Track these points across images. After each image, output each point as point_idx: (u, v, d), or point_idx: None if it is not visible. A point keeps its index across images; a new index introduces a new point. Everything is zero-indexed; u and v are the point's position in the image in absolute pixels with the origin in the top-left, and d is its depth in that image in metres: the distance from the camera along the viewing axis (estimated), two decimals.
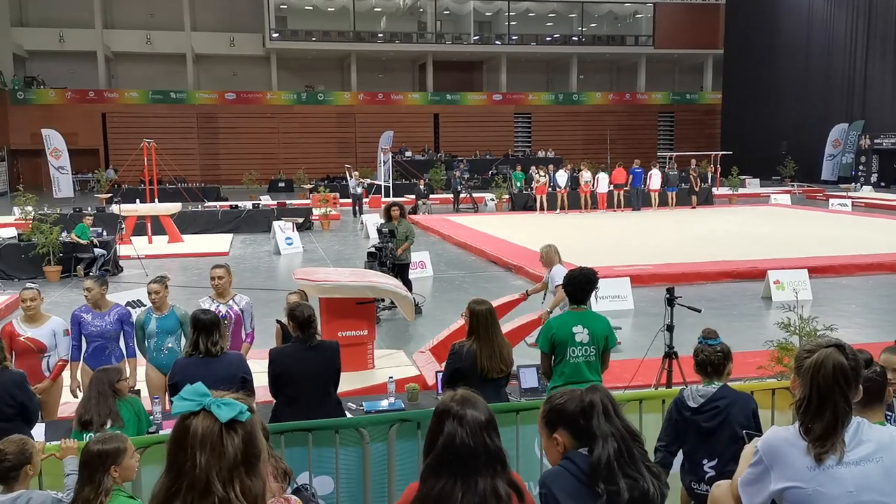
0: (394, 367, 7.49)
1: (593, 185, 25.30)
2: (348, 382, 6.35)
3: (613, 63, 46.45)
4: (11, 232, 15.50)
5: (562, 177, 25.47)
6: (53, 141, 28.92)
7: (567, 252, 14.68)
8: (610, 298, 10.69)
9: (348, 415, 5.12)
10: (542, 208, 24.71)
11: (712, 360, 3.68)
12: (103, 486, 2.95)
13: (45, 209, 17.24)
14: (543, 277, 8.30)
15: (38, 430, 4.53)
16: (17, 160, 36.85)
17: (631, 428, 2.29)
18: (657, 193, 25.75)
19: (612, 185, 25.45)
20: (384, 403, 5.60)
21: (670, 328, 6.06)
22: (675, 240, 17.82)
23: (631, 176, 25.60)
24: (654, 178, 25.89)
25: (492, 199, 27.76)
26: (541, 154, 39.08)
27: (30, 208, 16.22)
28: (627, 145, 41.25)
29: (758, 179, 34.57)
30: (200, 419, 1.69)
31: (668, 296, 6.15)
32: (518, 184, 27.30)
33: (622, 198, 25.39)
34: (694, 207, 25.83)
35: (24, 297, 5.64)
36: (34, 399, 4.51)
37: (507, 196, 27.10)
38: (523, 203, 26.15)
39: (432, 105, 42.34)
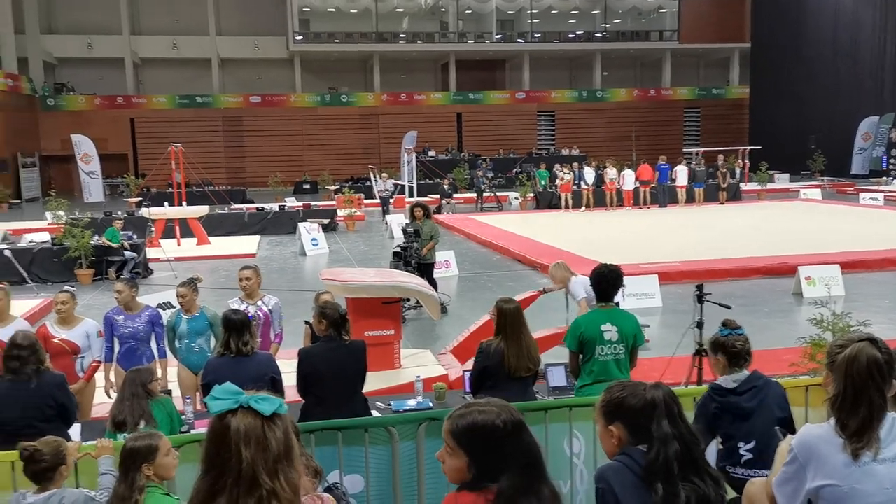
0: (420, 366, 7.50)
1: (619, 183, 25.13)
2: (375, 382, 6.38)
3: (637, 59, 46.11)
4: (45, 236, 15.77)
5: (589, 174, 25.32)
6: (83, 146, 29.38)
7: (593, 250, 14.69)
8: (637, 296, 10.62)
9: (375, 414, 5.14)
10: (566, 206, 24.61)
11: (747, 349, 3.67)
12: (136, 483, 2.99)
13: (77, 213, 17.51)
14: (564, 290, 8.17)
15: (75, 430, 4.61)
16: (49, 166, 37.47)
17: (693, 430, 2.24)
18: (684, 190, 25.51)
19: (637, 182, 25.27)
20: (412, 403, 5.62)
21: (700, 325, 6.00)
22: (703, 236, 17.65)
23: (657, 172, 25.40)
24: (681, 175, 25.65)
25: (516, 198, 27.70)
26: (565, 152, 38.91)
27: (62, 213, 16.51)
28: (653, 141, 40.92)
29: (787, 174, 34.08)
30: (240, 416, 1.72)
31: (697, 293, 6.10)
32: (542, 182, 27.21)
33: (648, 195, 25.20)
34: (722, 203, 25.56)
35: (56, 300, 5.75)
36: (73, 400, 4.59)
37: (531, 194, 27.03)
38: (548, 201, 26.06)
39: (455, 104, 42.35)
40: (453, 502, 1.97)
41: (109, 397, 5.91)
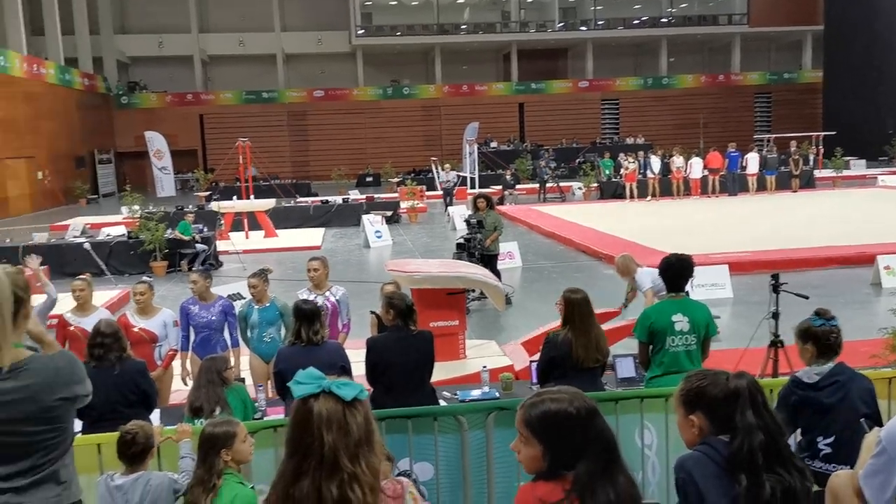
0: (485, 357, 7.50)
1: (686, 171, 24.57)
2: (440, 372, 6.41)
3: (705, 44, 44.90)
4: (121, 230, 16.36)
5: (656, 163, 24.83)
6: (156, 143, 30.31)
7: (659, 240, 14.41)
8: (707, 287, 10.38)
9: (443, 403, 5.17)
10: (631, 196, 24.22)
11: (839, 342, 3.55)
12: (216, 468, 3.08)
13: (151, 208, 18.10)
14: (627, 284, 7.98)
15: (154, 416, 4.78)
16: (123, 162, 38.82)
17: (778, 420, 2.19)
18: (755, 178, 24.79)
19: (706, 171, 24.67)
20: (478, 393, 5.63)
21: (776, 316, 5.83)
22: (776, 225, 17.13)
23: (727, 160, 24.74)
24: (752, 162, 24.92)
25: (579, 188, 27.38)
26: (629, 140, 38.26)
27: (136, 207, 17.08)
28: (722, 128, 39.86)
29: (864, 161, 32.72)
30: (322, 401, 1.76)
31: (773, 282, 5.93)
32: (606, 171, 26.82)
33: (717, 183, 24.58)
34: (795, 191, 24.75)
35: (135, 291, 5.96)
36: (154, 386, 4.76)
37: (595, 184, 26.68)
38: (612, 191, 25.69)
39: (517, 95, 42.08)
40: (530, 492, 1.97)
41: (186, 384, 6.11)
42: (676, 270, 4.89)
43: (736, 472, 2.09)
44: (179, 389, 6.35)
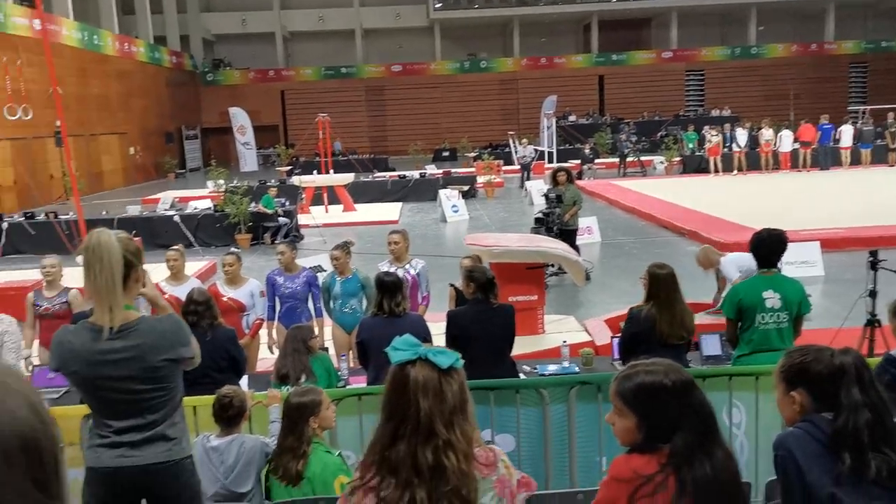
0: (564, 332, 7.45)
1: (775, 144, 23.62)
2: (519, 346, 6.37)
3: (797, 11, 42.78)
4: (207, 203, 16.90)
5: (741, 136, 23.96)
6: (239, 118, 31.10)
7: (747, 216, 13.93)
8: (797, 264, 10.00)
9: (523, 377, 5.16)
10: (716, 170, 23.46)
11: None
12: (305, 435, 3.17)
13: (235, 182, 18.62)
14: (716, 273, 7.63)
15: (243, 382, 4.94)
16: (208, 138, 40.03)
17: (885, 398, 2.11)
18: (849, 151, 23.62)
19: (797, 143, 23.65)
20: (558, 367, 5.60)
21: (873, 294, 5.57)
22: (870, 201, 16.31)
23: (819, 132, 23.65)
24: (845, 135, 23.74)
25: (661, 163, 26.70)
26: (715, 113, 37.00)
27: (221, 181, 17.59)
28: (814, 100, 38.06)
29: None
30: (419, 368, 1.78)
31: (871, 259, 5.65)
32: (690, 145, 26.04)
33: (808, 157, 23.54)
34: (891, 165, 23.48)
35: (224, 262, 6.16)
36: (243, 353, 4.92)
37: (677, 158, 25.96)
38: (696, 165, 24.96)
39: (597, 66, 41.20)
40: (624, 465, 1.95)
41: (272, 353, 6.30)
42: (769, 246, 4.71)
43: (840, 450, 2.02)
44: (265, 357, 6.55)
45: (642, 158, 26.68)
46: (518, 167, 24.89)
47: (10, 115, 15.17)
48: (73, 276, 6.70)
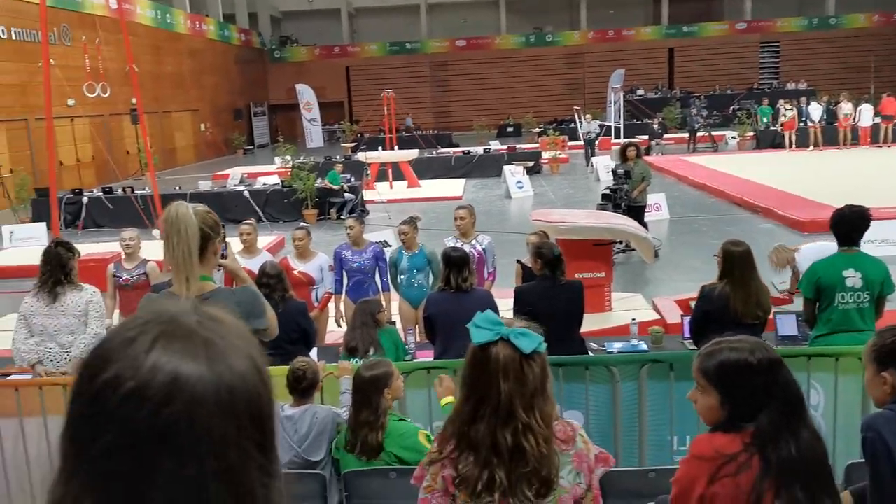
0: (632, 310, 7.35)
1: (854, 119, 22.63)
2: (586, 324, 6.31)
3: None
4: (275, 179, 17.21)
5: (815, 110, 23.04)
6: (305, 95, 31.48)
7: (824, 193, 13.42)
8: (877, 243, 9.56)
9: (591, 354, 5.12)
10: (791, 146, 22.64)
11: None
12: (381, 407, 3.21)
13: (301, 158, 18.90)
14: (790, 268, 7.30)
15: (313, 354, 5.04)
16: (276, 114, 40.68)
17: None
18: None
19: (878, 118, 22.60)
20: (625, 345, 5.53)
21: None
22: None
23: None
24: None
25: (733, 137, 25.92)
26: (790, 86, 35.62)
27: (288, 157, 17.89)
28: None
29: None
30: (500, 348, 1.76)
31: None
32: (764, 119, 25.17)
33: (890, 131, 22.48)
34: None
35: (294, 236, 6.28)
36: (314, 325, 5.02)
37: (750, 133, 25.14)
38: (770, 140, 24.13)
39: (667, 39, 40.10)
40: (706, 443, 1.92)
41: (339, 326, 6.40)
42: (850, 223, 4.54)
43: None
44: (333, 330, 6.67)
45: (713, 133, 25.93)
46: (582, 143, 24.49)
47: (88, 93, 15.70)
48: (150, 249, 6.94)
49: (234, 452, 0.73)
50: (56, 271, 4.72)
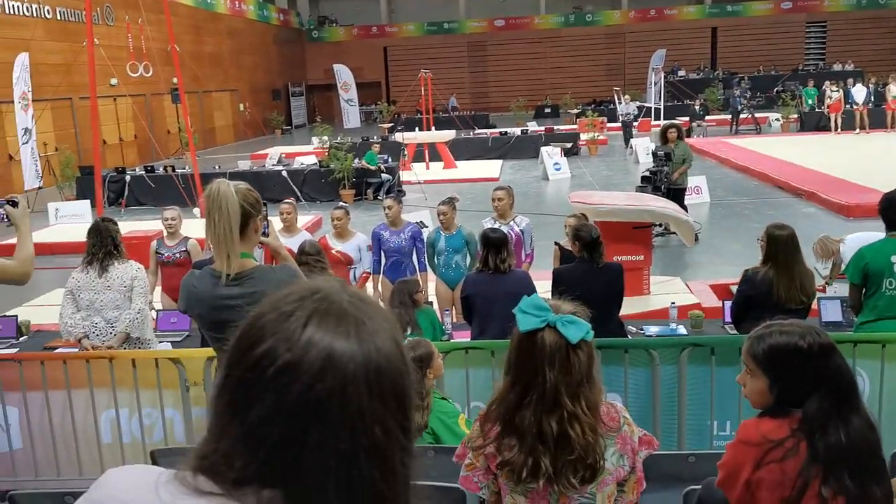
0: (671, 293, 7.28)
1: None
2: (624, 307, 6.27)
3: None
4: (312, 159, 17.31)
5: (859, 92, 22.40)
6: (343, 75, 31.54)
7: (871, 177, 13.08)
8: None
9: (629, 338, 5.08)
10: (836, 128, 22.08)
11: None
12: (424, 387, 3.23)
13: (339, 138, 18.97)
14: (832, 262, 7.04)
15: None
16: (313, 94, 40.84)
17: None
18: None
19: None
20: (664, 329, 5.49)
21: None
22: None
23: None
24: None
25: (777, 120, 25.35)
26: (837, 67, 34.71)
27: (326, 138, 17.96)
28: None
29: None
30: (547, 335, 1.75)
31: None
32: (809, 101, 24.57)
33: None
34: None
35: (333, 216, 6.31)
36: None
37: (795, 115, 24.57)
38: (815, 123, 23.56)
39: (710, 18, 39.27)
40: (754, 428, 1.90)
41: None
42: None
43: None
44: None
45: (756, 115, 25.40)
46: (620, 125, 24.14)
47: (131, 73, 15.92)
48: (191, 227, 7.04)
49: (380, 429, 0.77)
50: (107, 242, 4.83)
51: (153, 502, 0.79)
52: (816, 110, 23.97)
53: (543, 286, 5.34)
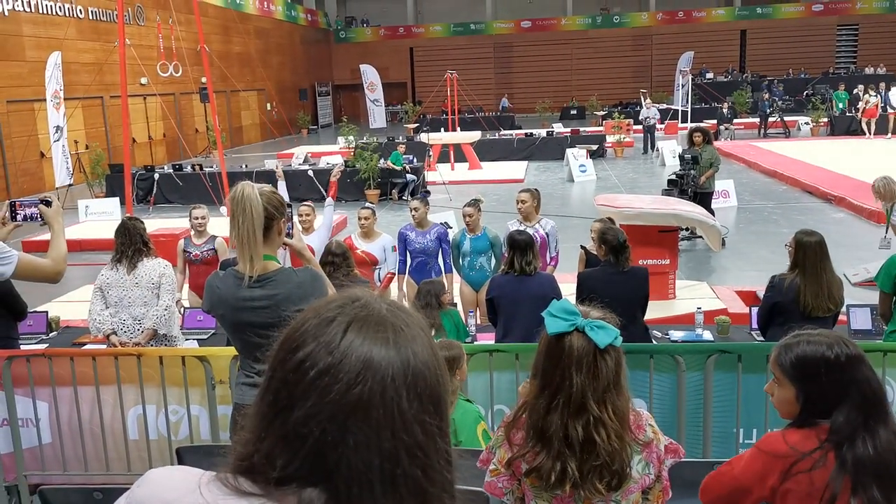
0: (697, 298, 7.21)
1: None
2: (650, 311, 6.22)
3: None
4: (338, 159, 17.38)
5: (895, 96, 22.06)
6: (369, 75, 31.64)
7: None
8: None
9: (654, 342, 5.05)
10: (869, 132, 21.75)
11: None
12: (451, 387, 3.24)
13: (365, 138, 19.04)
14: (883, 208, 6.98)
15: None
16: (340, 94, 41.03)
17: None
18: None
19: None
20: (690, 334, 5.44)
21: None
22: None
23: None
24: None
25: (806, 123, 25.03)
26: (868, 71, 34.16)
27: (352, 138, 18.04)
28: None
29: None
30: (575, 339, 1.74)
31: None
32: (840, 105, 24.23)
33: None
34: None
35: (360, 216, 6.33)
36: None
37: (825, 119, 24.24)
38: (845, 127, 23.24)
39: (739, 21, 38.87)
40: (780, 440, 1.88)
41: None
42: None
43: None
44: None
45: (786, 119, 25.10)
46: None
47: (161, 73, 16.12)
48: (218, 225, 7.11)
49: (420, 430, 0.80)
50: (136, 240, 4.90)
51: (196, 502, 0.81)
52: (847, 114, 23.63)
53: (568, 289, 5.32)
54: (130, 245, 4.89)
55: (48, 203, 2.99)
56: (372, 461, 0.78)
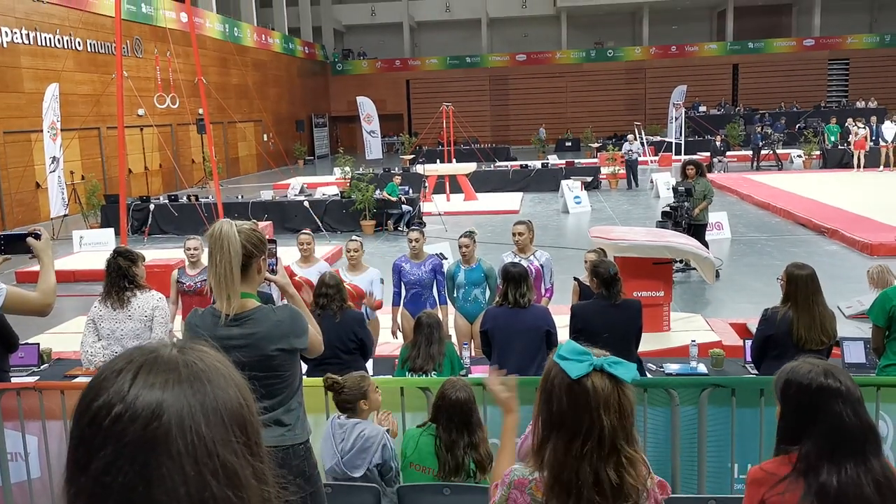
0: (691, 331, 7.20)
1: None
2: (644, 344, 6.21)
3: None
4: (334, 190, 17.45)
5: (889, 129, 22.27)
6: (366, 107, 31.92)
7: (894, 216, 12.95)
8: None
9: (648, 375, 5.04)
10: (859, 165, 21.93)
11: None
12: (477, 425, 3.28)
13: (360, 169, 19.12)
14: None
15: (369, 365, 5.07)
16: (336, 126, 41.30)
17: None
18: None
19: None
20: (684, 367, 5.43)
21: None
22: None
23: None
24: None
25: (798, 156, 25.24)
26: (860, 104, 34.57)
27: (348, 169, 18.12)
28: None
29: None
30: (596, 379, 1.67)
31: None
32: (832, 138, 24.46)
33: None
34: None
35: (348, 248, 6.31)
36: (370, 336, 5.06)
37: (817, 152, 24.46)
38: (837, 160, 23.43)
39: (731, 55, 39.39)
40: (758, 469, 2.04)
41: (395, 338, 6.42)
42: None
43: None
44: (387, 342, 6.70)
45: (778, 152, 25.31)
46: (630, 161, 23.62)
47: (159, 104, 16.23)
48: None
49: (225, 451, 0.83)
50: (118, 280, 4.85)
51: None
52: (839, 147, 23.85)
53: (562, 320, 5.32)
54: (113, 285, 4.85)
55: (37, 236, 2.98)
56: (178, 491, 0.80)
